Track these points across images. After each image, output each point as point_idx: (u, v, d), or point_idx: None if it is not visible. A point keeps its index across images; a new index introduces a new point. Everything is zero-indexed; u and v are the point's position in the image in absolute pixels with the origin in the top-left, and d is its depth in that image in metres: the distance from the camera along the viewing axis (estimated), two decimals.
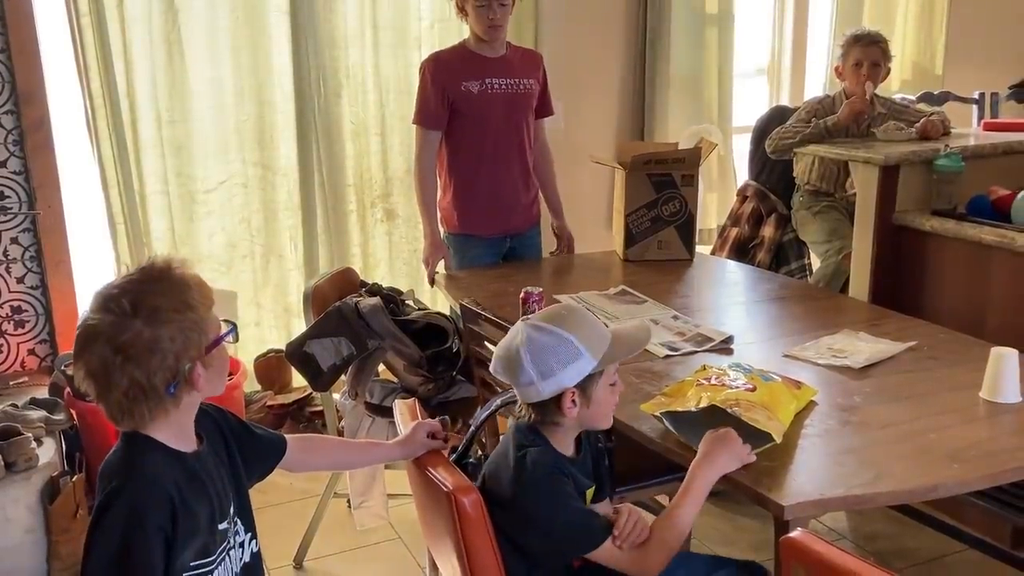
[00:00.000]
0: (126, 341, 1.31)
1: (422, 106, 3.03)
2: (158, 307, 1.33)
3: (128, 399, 1.33)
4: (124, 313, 1.32)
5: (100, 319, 1.32)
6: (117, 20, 3.12)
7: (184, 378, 1.35)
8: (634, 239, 3.13)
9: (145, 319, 1.31)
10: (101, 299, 1.35)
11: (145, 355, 1.31)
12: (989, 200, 2.82)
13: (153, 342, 1.31)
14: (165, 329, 1.32)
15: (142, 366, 1.31)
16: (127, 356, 1.31)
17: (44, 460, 2.62)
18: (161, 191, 3.31)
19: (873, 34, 3.35)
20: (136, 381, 1.31)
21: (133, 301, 1.32)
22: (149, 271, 1.38)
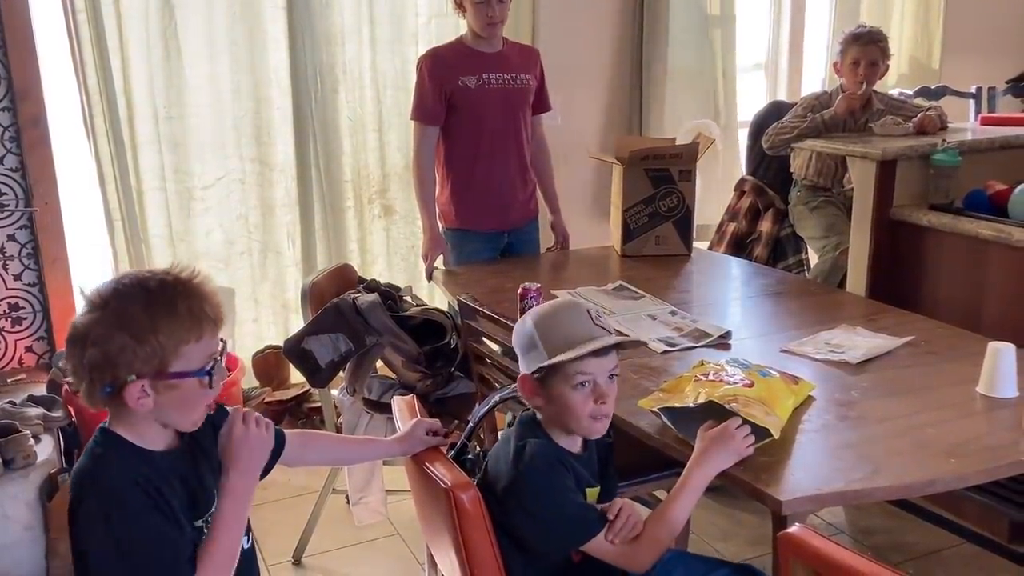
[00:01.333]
0: (77, 324, 1.35)
1: (420, 102, 3.02)
2: (127, 313, 1.33)
3: (72, 374, 1.37)
4: (97, 302, 1.35)
5: (89, 295, 1.36)
6: (114, 16, 3.11)
7: (120, 387, 1.34)
8: (632, 234, 3.13)
9: (104, 316, 1.33)
10: (106, 282, 1.38)
11: (82, 346, 1.33)
12: (986, 195, 2.83)
13: (100, 339, 1.32)
14: (120, 335, 1.32)
15: (76, 353, 1.34)
16: (75, 337, 1.34)
17: (42, 457, 2.62)
18: (158, 187, 3.30)
19: (873, 33, 3.34)
20: (75, 364, 1.35)
21: (111, 296, 1.35)
22: (150, 280, 1.37)
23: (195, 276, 1.40)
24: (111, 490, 1.34)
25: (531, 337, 1.61)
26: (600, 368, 1.60)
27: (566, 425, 1.65)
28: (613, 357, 1.62)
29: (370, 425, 2.61)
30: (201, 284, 1.40)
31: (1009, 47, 4.72)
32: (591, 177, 3.75)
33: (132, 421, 1.39)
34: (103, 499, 1.33)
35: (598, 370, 1.59)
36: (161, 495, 1.36)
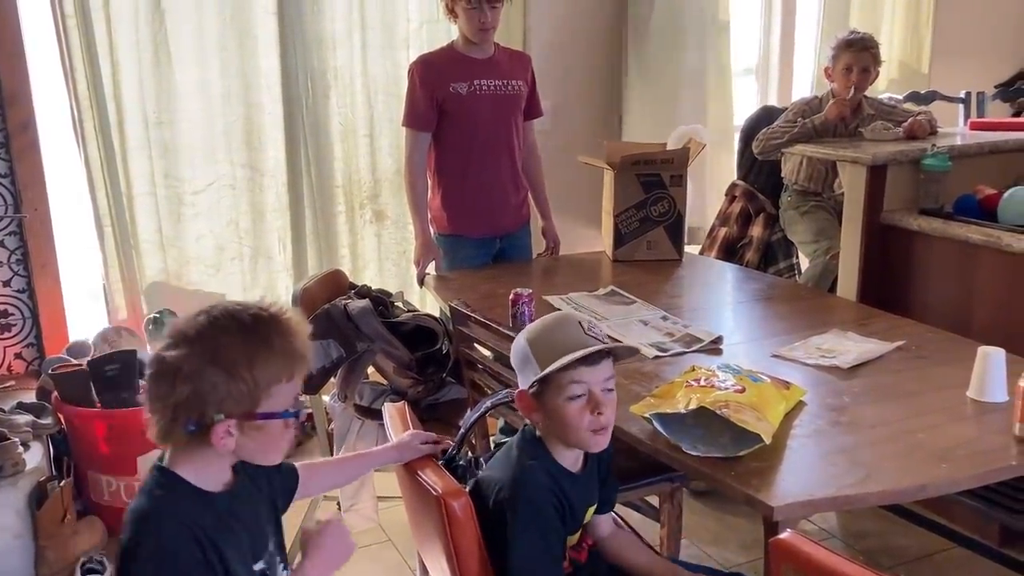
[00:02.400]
0: (173, 358, 1.29)
1: (411, 108, 3.02)
2: (224, 348, 1.29)
3: (151, 409, 1.31)
4: (190, 336, 1.30)
5: (181, 326, 1.32)
6: (103, 21, 3.10)
7: (208, 426, 1.30)
8: (623, 239, 3.13)
9: (201, 351, 1.29)
10: (199, 313, 1.33)
11: (175, 380, 1.28)
12: (976, 199, 2.84)
13: (194, 375, 1.28)
14: (216, 370, 1.28)
15: (164, 386, 1.29)
16: (165, 371, 1.29)
17: (31, 465, 2.61)
18: (149, 193, 3.29)
19: (866, 39, 3.34)
20: (160, 397, 1.29)
21: (205, 329, 1.30)
22: (243, 314, 1.33)
23: (286, 312, 1.36)
24: (167, 543, 1.29)
25: (525, 353, 1.60)
26: (594, 378, 1.57)
27: (566, 440, 1.62)
28: (607, 366, 1.59)
29: (361, 431, 2.60)
30: (292, 320, 1.36)
31: (998, 52, 4.74)
32: (582, 182, 3.75)
33: (199, 461, 1.34)
34: (158, 551, 1.28)
35: (592, 379, 1.57)
36: (216, 548, 1.31)
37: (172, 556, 1.28)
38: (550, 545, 1.59)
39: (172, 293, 3.36)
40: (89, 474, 2.85)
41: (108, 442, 2.80)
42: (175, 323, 1.34)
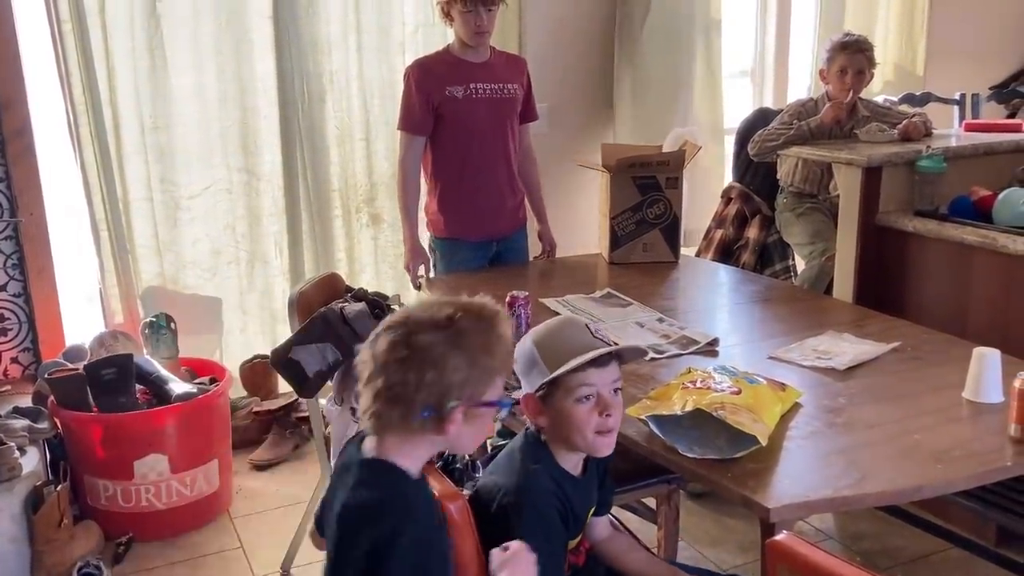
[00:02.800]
0: (418, 342, 1.30)
1: (407, 112, 3.03)
2: (465, 334, 1.31)
3: (387, 397, 1.31)
4: (438, 321, 1.31)
5: (421, 314, 1.33)
6: (99, 26, 3.10)
7: (443, 413, 1.31)
8: (619, 242, 3.14)
9: (448, 337, 1.30)
10: (434, 301, 1.36)
11: (424, 366, 1.29)
12: (971, 200, 2.85)
13: (439, 359, 1.30)
14: (460, 356, 1.30)
15: (413, 372, 1.29)
16: (410, 355, 1.29)
17: (28, 469, 2.61)
18: (145, 197, 3.29)
19: (860, 41, 3.36)
20: (403, 383, 1.30)
21: (449, 317, 1.31)
22: (484, 307, 1.37)
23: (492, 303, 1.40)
24: (425, 532, 1.31)
25: (532, 356, 1.60)
26: (602, 379, 1.58)
27: (571, 443, 1.62)
28: (615, 369, 1.60)
29: None
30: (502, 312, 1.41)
31: (992, 53, 4.76)
32: (578, 185, 3.76)
33: (412, 449, 1.35)
34: (417, 542, 1.29)
35: (600, 381, 1.58)
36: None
37: (429, 545, 1.31)
38: (555, 550, 1.60)
39: (168, 297, 3.36)
40: (85, 478, 2.85)
41: (104, 446, 2.80)
42: (408, 312, 1.35)
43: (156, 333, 3.18)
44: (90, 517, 2.84)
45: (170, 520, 2.88)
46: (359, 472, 1.37)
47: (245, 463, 3.32)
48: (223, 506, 3.05)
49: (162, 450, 2.83)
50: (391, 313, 1.36)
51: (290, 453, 3.41)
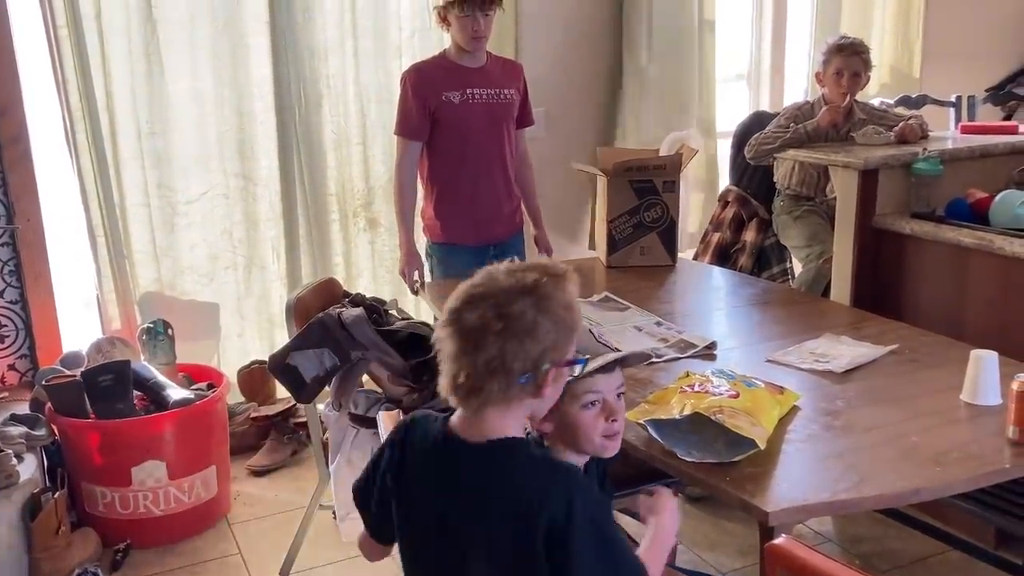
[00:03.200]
0: (512, 312, 1.30)
1: (403, 117, 3.03)
2: (550, 297, 1.32)
3: (485, 371, 1.31)
4: (526, 287, 1.31)
5: (503, 283, 1.33)
6: (95, 32, 3.10)
7: (539, 376, 1.33)
8: (616, 245, 3.14)
9: (535, 301, 1.31)
10: (503, 270, 1.36)
11: (520, 334, 1.30)
12: (967, 203, 2.85)
13: (533, 325, 1.30)
14: (548, 319, 1.32)
15: (512, 342, 1.30)
16: (506, 326, 1.30)
17: (25, 477, 2.60)
18: (142, 203, 3.29)
19: (856, 44, 3.36)
20: (501, 354, 1.30)
21: (535, 282, 1.32)
22: (552, 266, 1.37)
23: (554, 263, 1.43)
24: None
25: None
26: (608, 386, 1.57)
27: (579, 447, 1.60)
28: (619, 374, 1.59)
29: (356, 440, 2.59)
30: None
31: (988, 55, 4.77)
32: (575, 189, 3.76)
33: (516, 419, 1.37)
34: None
35: (606, 388, 1.56)
36: None
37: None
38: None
39: (166, 303, 3.35)
40: (83, 485, 2.85)
41: (102, 453, 2.80)
42: (487, 283, 1.35)
43: (153, 339, 3.18)
44: (88, 524, 2.84)
45: (168, 527, 2.88)
46: (496, 458, 1.35)
47: (243, 469, 3.31)
48: (221, 512, 3.05)
49: (160, 456, 2.82)
50: (388, 318, 1.36)
51: (288, 458, 3.41)
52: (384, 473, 1.45)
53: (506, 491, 1.33)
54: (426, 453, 1.41)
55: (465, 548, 1.36)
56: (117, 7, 3.12)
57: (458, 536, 1.37)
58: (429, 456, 1.41)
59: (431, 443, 1.41)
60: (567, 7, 3.84)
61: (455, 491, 1.38)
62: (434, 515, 1.39)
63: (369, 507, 1.50)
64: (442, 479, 1.40)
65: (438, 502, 1.38)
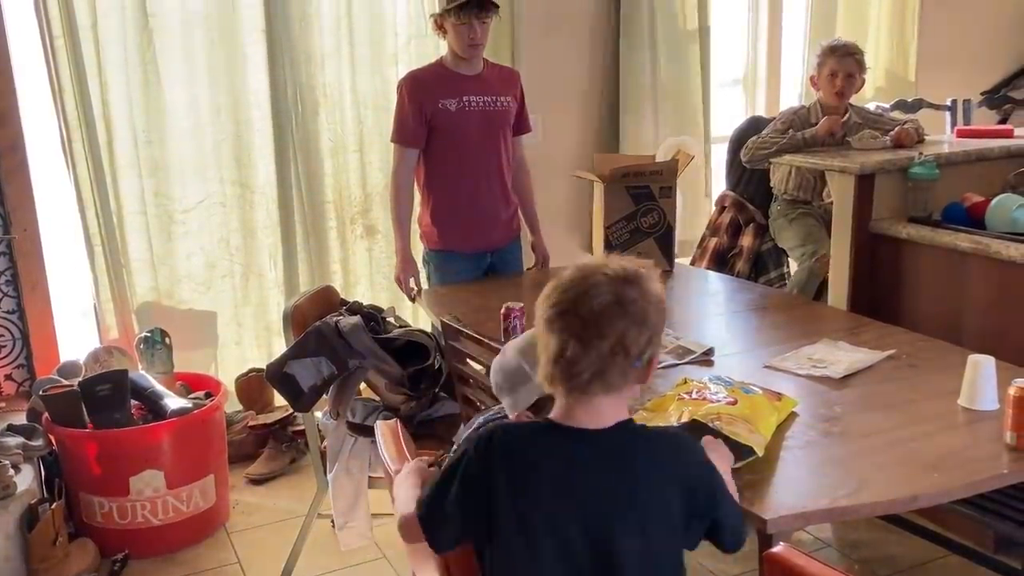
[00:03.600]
0: (627, 298, 1.35)
1: (400, 124, 3.03)
2: (650, 287, 1.38)
3: (609, 355, 1.34)
4: (627, 277, 1.37)
5: (613, 273, 1.37)
6: (91, 41, 3.10)
7: (644, 363, 1.38)
8: (613, 251, 3.13)
9: (641, 290, 1.37)
10: (599, 264, 1.39)
11: (637, 319, 1.35)
12: (964, 207, 2.85)
13: (644, 312, 1.36)
14: (652, 308, 1.37)
15: (632, 328, 1.34)
16: (627, 311, 1.34)
17: (22, 487, 2.60)
18: (139, 212, 3.29)
19: (849, 45, 3.37)
20: (623, 339, 1.34)
21: (636, 272, 1.38)
22: (638, 261, 1.42)
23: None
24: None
25: (518, 370, 1.59)
26: None
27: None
28: None
29: (354, 448, 2.59)
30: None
31: (983, 59, 4.78)
32: (572, 195, 3.76)
33: (625, 404, 1.42)
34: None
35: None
36: None
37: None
38: None
39: (163, 312, 3.35)
40: (81, 495, 2.84)
41: (100, 463, 2.79)
42: (595, 275, 1.37)
43: (151, 348, 3.17)
44: (86, 534, 2.83)
45: (166, 536, 2.87)
46: (637, 438, 1.42)
47: (241, 477, 3.31)
48: (220, 521, 3.04)
49: (158, 466, 2.82)
50: (386, 326, 1.36)
51: (286, 467, 3.40)
52: (484, 495, 1.40)
53: (657, 466, 1.40)
54: (552, 451, 1.40)
55: (615, 530, 1.36)
56: (113, 16, 3.12)
57: (608, 519, 1.37)
58: (559, 453, 1.40)
59: (552, 441, 1.40)
60: (564, 13, 3.84)
61: (605, 476, 1.38)
62: (574, 506, 1.37)
63: (440, 529, 1.46)
64: (584, 469, 1.39)
65: (578, 492, 1.38)
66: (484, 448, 1.42)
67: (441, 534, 1.46)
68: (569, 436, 1.40)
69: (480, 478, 1.40)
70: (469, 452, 1.43)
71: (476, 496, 1.41)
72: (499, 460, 1.40)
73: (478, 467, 1.41)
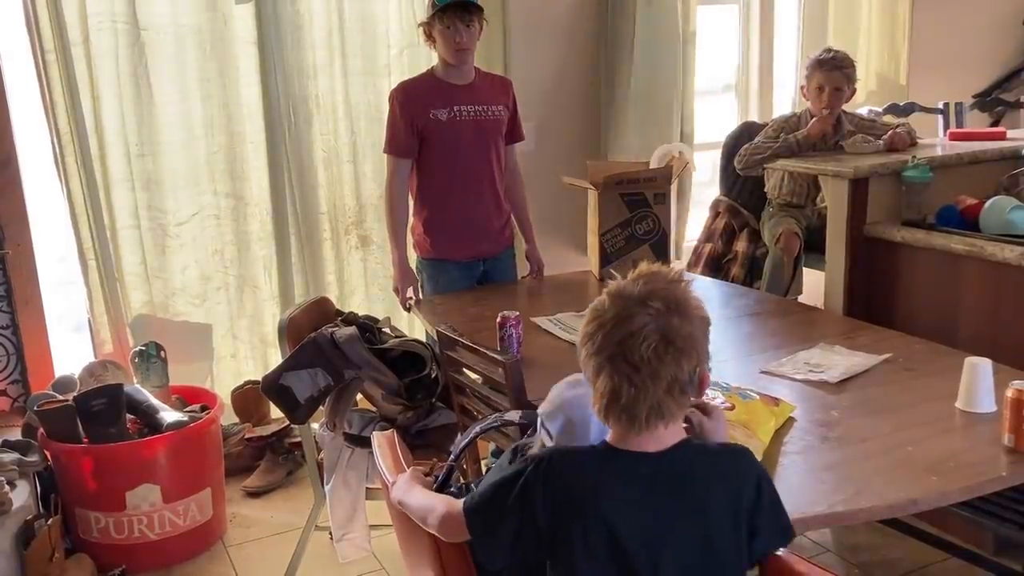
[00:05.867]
0: (678, 331, 1.33)
1: (392, 135, 3.03)
2: (687, 303, 1.36)
3: (665, 393, 1.34)
4: (669, 306, 1.34)
5: (646, 314, 1.33)
6: (83, 56, 3.10)
7: (699, 377, 1.37)
8: (609, 258, 3.14)
9: (681, 314, 1.34)
10: (635, 296, 1.35)
11: (686, 350, 1.33)
12: (957, 209, 2.86)
13: (690, 338, 1.34)
14: (695, 326, 1.35)
15: (682, 360, 1.33)
16: (677, 347, 1.33)
17: (18, 504, 2.58)
18: (132, 225, 3.28)
19: (837, 59, 3.35)
20: (676, 375, 1.34)
21: (677, 299, 1.35)
22: (660, 271, 1.39)
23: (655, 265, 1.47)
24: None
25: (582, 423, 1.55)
26: None
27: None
28: None
29: (351, 460, 2.58)
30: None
31: (975, 62, 4.79)
32: (566, 203, 3.76)
33: (676, 423, 1.40)
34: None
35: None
36: None
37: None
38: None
39: (158, 325, 3.34)
40: (77, 511, 2.83)
41: (96, 478, 2.78)
42: (640, 303, 1.34)
43: (146, 362, 3.16)
44: (82, 550, 2.81)
45: (163, 550, 2.86)
46: (698, 457, 1.42)
47: (238, 490, 3.29)
48: (217, 535, 3.03)
49: (154, 480, 2.80)
50: (381, 336, 1.34)
51: (283, 479, 3.39)
52: (544, 516, 1.39)
53: (720, 482, 1.40)
54: (616, 475, 1.40)
55: (680, 549, 1.37)
56: (105, 31, 3.12)
57: (672, 538, 1.38)
58: (623, 477, 1.40)
59: (616, 466, 1.40)
60: (555, 21, 3.85)
61: (669, 497, 1.39)
62: (638, 529, 1.37)
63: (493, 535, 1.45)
64: (650, 491, 1.39)
65: (645, 516, 1.38)
66: (545, 471, 1.40)
67: (494, 540, 1.45)
68: (631, 460, 1.40)
69: (537, 500, 1.39)
70: (527, 474, 1.41)
71: (530, 516, 1.40)
72: (559, 482, 1.40)
73: (538, 489, 1.39)
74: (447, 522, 1.50)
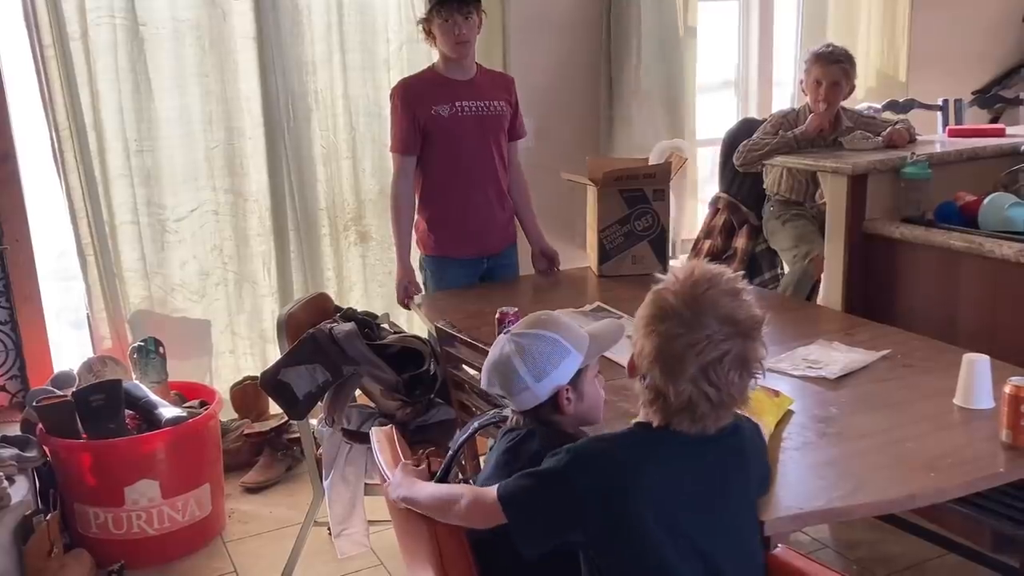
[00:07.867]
0: (756, 355, 1.44)
1: (395, 133, 3.02)
2: (716, 299, 1.43)
3: (704, 394, 1.41)
4: (745, 331, 1.43)
5: (699, 315, 1.41)
6: (82, 51, 3.09)
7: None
8: (608, 255, 3.14)
9: (759, 339, 1.45)
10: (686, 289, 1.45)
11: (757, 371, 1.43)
12: (956, 206, 2.86)
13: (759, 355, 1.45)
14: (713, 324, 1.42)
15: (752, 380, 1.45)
16: (752, 371, 1.44)
17: (17, 499, 2.58)
18: (131, 221, 3.28)
19: (836, 53, 3.34)
20: (724, 379, 1.41)
21: (751, 321, 1.45)
22: (728, 292, 1.46)
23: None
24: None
25: (560, 345, 1.64)
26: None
27: (592, 418, 1.69)
28: None
29: (350, 455, 2.58)
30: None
31: (974, 59, 4.79)
32: (566, 199, 3.76)
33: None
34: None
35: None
36: None
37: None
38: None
39: (157, 321, 3.34)
40: (76, 506, 2.83)
41: (94, 474, 2.78)
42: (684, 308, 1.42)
43: (145, 357, 3.16)
44: (81, 545, 2.82)
45: (162, 546, 2.86)
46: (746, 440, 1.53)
47: (237, 486, 3.30)
48: (216, 530, 3.03)
49: (153, 475, 2.80)
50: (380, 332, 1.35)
51: (282, 475, 3.39)
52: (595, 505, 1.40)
53: (756, 455, 1.56)
54: (673, 455, 1.44)
55: (742, 524, 1.47)
56: (104, 26, 3.12)
57: (734, 514, 1.47)
58: (679, 458, 1.45)
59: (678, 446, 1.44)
60: (555, 18, 3.84)
61: (732, 473, 1.48)
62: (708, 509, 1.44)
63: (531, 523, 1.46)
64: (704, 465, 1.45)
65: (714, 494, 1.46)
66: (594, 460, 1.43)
67: (532, 527, 1.45)
68: (689, 442, 1.44)
69: (588, 490, 1.40)
70: (569, 465, 1.42)
71: (574, 506, 1.41)
72: (611, 471, 1.41)
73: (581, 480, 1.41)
74: (478, 509, 1.50)
